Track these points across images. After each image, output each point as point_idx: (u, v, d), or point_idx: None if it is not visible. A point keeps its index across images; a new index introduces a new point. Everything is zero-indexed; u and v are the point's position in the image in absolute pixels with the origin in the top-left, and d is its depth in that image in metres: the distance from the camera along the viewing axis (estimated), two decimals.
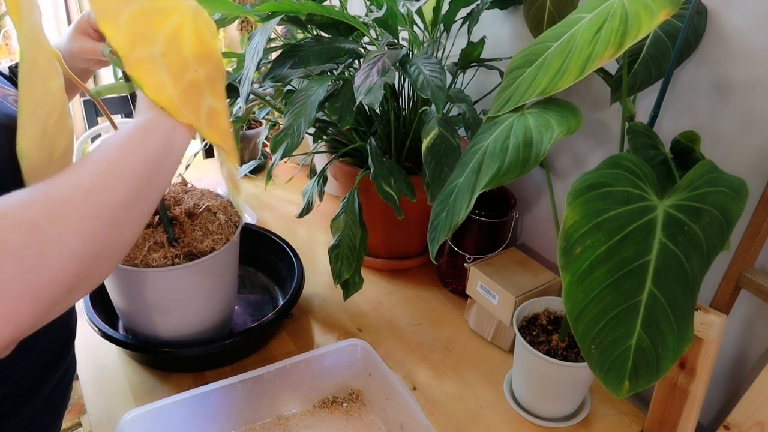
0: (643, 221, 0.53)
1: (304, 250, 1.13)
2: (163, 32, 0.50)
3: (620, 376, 0.54)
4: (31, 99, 0.47)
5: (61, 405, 0.67)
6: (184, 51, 0.52)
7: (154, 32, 0.50)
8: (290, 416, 0.80)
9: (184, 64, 0.51)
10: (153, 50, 0.49)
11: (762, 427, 0.68)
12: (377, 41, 0.88)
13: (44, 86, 0.48)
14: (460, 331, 0.97)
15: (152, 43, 0.49)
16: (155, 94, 0.49)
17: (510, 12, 0.98)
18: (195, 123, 0.52)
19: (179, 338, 0.83)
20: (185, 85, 0.51)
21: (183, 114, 0.51)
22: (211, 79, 0.54)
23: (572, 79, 0.56)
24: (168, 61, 0.50)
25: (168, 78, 0.50)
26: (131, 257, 0.74)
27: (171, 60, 0.50)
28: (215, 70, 0.55)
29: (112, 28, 0.47)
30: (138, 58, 0.48)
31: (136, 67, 0.48)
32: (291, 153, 0.78)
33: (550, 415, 0.81)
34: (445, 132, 0.78)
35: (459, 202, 0.62)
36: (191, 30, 0.52)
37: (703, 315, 0.65)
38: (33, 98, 0.47)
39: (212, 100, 0.54)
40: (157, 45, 0.50)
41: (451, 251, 1.01)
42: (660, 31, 0.71)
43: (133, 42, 0.48)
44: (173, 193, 0.84)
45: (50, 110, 0.49)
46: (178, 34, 0.51)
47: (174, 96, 0.50)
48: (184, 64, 0.51)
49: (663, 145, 0.64)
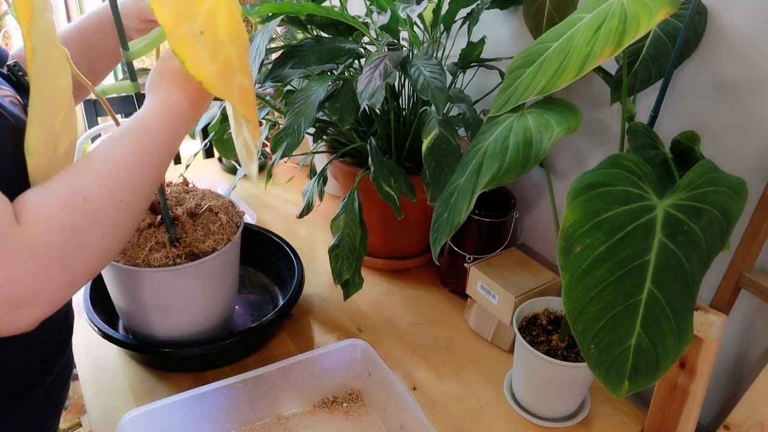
0: (642, 221, 0.53)
1: (304, 250, 1.13)
2: (202, 11, 0.53)
3: (620, 376, 0.54)
4: (42, 96, 0.48)
5: (59, 401, 0.67)
6: (219, 30, 0.55)
7: (195, 11, 0.53)
8: (290, 416, 0.80)
9: (219, 43, 0.55)
10: (194, 28, 0.52)
11: (762, 427, 0.68)
12: (377, 41, 0.88)
13: (54, 84, 0.49)
14: (460, 331, 0.97)
15: (193, 21, 0.52)
16: (196, 69, 0.52)
17: (510, 12, 0.98)
18: (229, 98, 0.56)
19: (179, 338, 0.83)
20: (221, 62, 0.55)
21: (219, 89, 0.54)
22: (241, 57, 0.58)
23: (571, 78, 0.56)
24: (206, 39, 0.53)
25: (207, 55, 0.53)
26: (133, 257, 0.74)
27: (208, 38, 0.54)
28: (244, 49, 0.59)
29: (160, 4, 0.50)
30: (182, 34, 0.51)
31: (180, 42, 0.51)
32: (291, 152, 0.78)
33: (550, 415, 0.81)
34: (445, 132, 0.78)
35: (460, 203, 0.62)
36: (225, 10, 0.55)
37: (703, 315, 0.65)
38: (43, 95, 0.48)
39: (242, 78, 0.58)
40: (198, 23, 0.53)
41: (451, 251, 1.01)
42: (660, 31, 0.71)
43: (177, 19, 0.51)
44: (175, 193, 0.84)
45: (58, 108, 0.50)
46: (215, 13, 0.54)
47: (212, 72, 0.54)
48: (219, 43, 0.55)
49: (663, 145, 0.64)
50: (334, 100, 0.81)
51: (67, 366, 0.68)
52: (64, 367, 0.67)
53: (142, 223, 0.77)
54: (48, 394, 0.63)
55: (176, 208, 0.80)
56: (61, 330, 0.66)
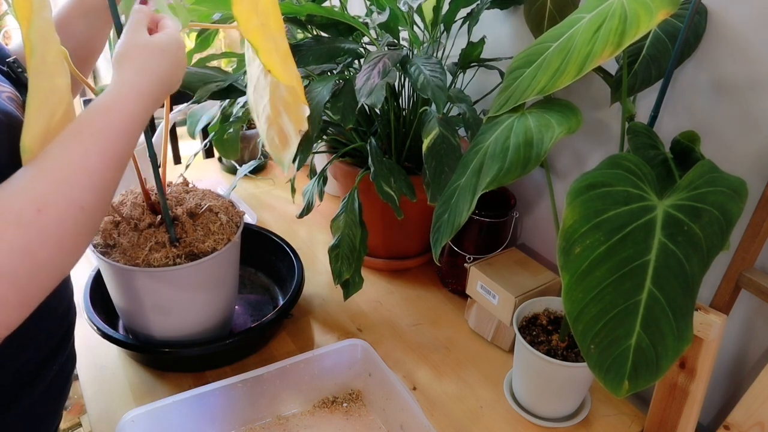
0: (642, 221, 0.53)
1: (304, 250, 1.13)
2: (261, 6, 0.58)
3: (620, 376, 0.54)
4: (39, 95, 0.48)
5: (60, 397, 0.67)
6: (272, 24, 0.60)
7: (256, 5, 0.57)
8: (290, 416, 0.80)
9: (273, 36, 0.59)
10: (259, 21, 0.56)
11: (762, 427, 0.68)
12: (377, 41, 0.88)
13: (51, 83, 0.49)
14: (460, 331, 0.97)
15: (258, 14, 0.56)
16: (267, 57, 0.56)
17: (510, 12, 0.98)
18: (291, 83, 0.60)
19: (179, 338, 0.83)
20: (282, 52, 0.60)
21: (284, 76, 0.58)
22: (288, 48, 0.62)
23: (571, 78, 0.56)
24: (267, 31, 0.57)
25: (273, 45, 0.58)
26: (133, 257, 0.74)
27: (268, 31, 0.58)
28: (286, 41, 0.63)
29: None
30: (254, 26, 0.55)
31: (254, 33, 0.55)
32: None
33: (550, 415, 0.81)
34: (445, 132, 0.78)
35: (461, 203, 0.62)
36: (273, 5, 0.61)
37: (703, 315, 0.65)
38: (40, 94, 0.48)
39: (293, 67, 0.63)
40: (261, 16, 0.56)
41: (451, 251, 1.01)
42: (660, 31, 0.71)
43: (249, 12, 0.55)
44: (175, 193, 0.84)
45: (55, 107, 0.50)
46: (268, 9, 0.59)
47: (278, 61, 0.58)
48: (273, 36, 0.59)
49: (663, 145, 0.64)
50: (335, 100, 0.81)
51: (69, 361, 0.68)
52: (66, 362, 0.66)
53: (142, 223, 0.77)
54: (49, 389, 0.63)
55: (176, 208, 0.79)
56: (62, 326, 0.65)
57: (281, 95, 0.66)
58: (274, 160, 0.68)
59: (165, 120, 0.80)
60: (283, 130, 0.67)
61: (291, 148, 0.67)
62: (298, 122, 0.66)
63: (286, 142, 0.68)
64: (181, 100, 1.38)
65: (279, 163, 0.67)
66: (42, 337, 0.61)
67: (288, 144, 0.67)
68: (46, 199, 0.44)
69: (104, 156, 0.48)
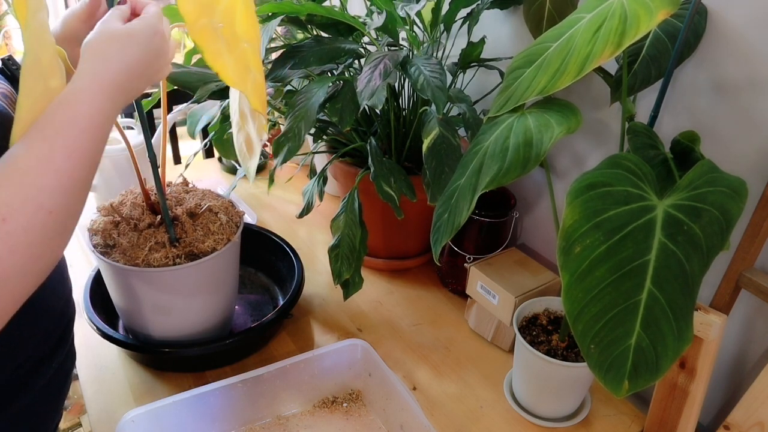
0: (642, 221, 0.53)
1: (304, 250, 1.13)
2: (221, 6, 0.56)
3: (619, 376, 0.54)
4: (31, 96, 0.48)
5: (59, 395, 0.67)
6: (236, 25, 0.58)
7: (214, 5, 0.55)
8: (290, 416, 0.80)
9: (236, 37, 0.57)
10: (213, 21, 0.55)
11: (762, 427, 0.68)
12: (377, 41, 0.88)
13: (45, 85, 0.49)
14: (460, 331, 0.97)
15: (213, 14, 0.55)
16: (213, 60, 0.55)
17: (510, 12, 0.98)
18: (243, 89, 0.58)
19: (179, 338, 0.83)
20: (237, 55, 0.57)
21: (234, 81, 0.57)
22: (255, 53, 0.60)
23: (571, 78, 0.56)
24: (224, 32, 0.56)
25: (224, 47, 0.56)
26: (132, 257, 0.74)
27: (226, 32, 0.56)
28: (257, 46, 0.61)
29: None
30: (202, 25, 0.54)
31: (200, 34, 0.54)
32: (293, 156, 0.78)
33: (550, 415, 0.81)
34: (445, 132, 0.78)
35: (461, 203, 0.62)
36: (243, 7, 0.58)
37: (703, 315, 0.65)
38: (32, 95, 0.48)
39: (256, 73, 0.61)
40: (217, 16, 0.55)
41: (451, 251, 1.01)
42: (660, 31, 0.71)
43: (198, 11, 0.53)
44: (175, 193, 0.84)
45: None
46: (232, 9, 0.57)
47: (228, 64, 0.56)
48: (236, 37, 0.57)
49: (663, 145, 0.64)
50: (334, 101, 0.81)
51: (68, 359, 0.67)
52: (65, 360, 0.66)
53: (142, 223, 0.77)
54: (48, 387, 0.63)
55: (176, 208, 0.79)
56: (60, 324, 0.65)
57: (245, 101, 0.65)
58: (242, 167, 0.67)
59: (163, 120, 0.80)
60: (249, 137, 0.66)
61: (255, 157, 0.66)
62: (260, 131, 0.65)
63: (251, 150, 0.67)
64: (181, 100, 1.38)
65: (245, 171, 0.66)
66: (40, 336, 0.61)
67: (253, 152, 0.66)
68: (11, 206, 0.41)
69: (71, 154, 0.45)
